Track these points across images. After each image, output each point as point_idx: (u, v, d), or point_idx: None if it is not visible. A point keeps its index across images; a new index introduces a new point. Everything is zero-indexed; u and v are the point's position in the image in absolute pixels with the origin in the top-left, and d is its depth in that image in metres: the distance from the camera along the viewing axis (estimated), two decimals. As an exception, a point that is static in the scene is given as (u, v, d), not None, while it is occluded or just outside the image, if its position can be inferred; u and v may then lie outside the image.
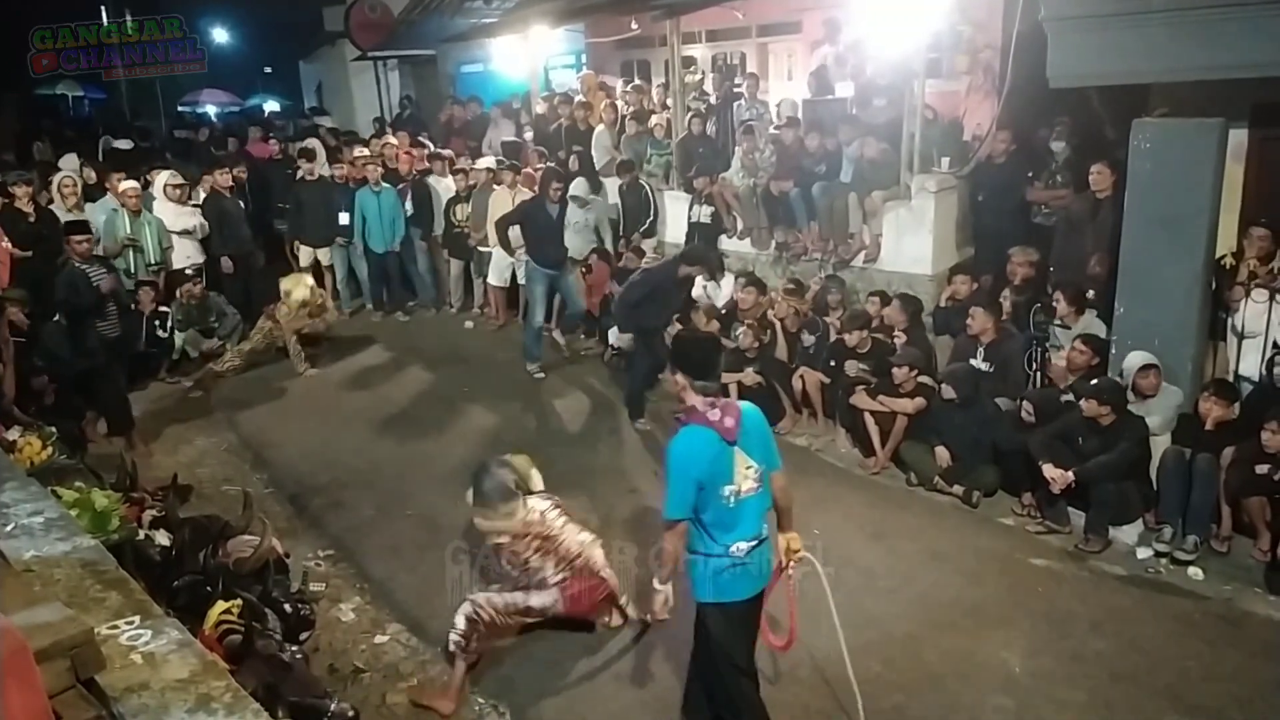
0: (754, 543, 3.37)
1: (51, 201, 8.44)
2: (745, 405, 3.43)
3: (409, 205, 9.66)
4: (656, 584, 3.45)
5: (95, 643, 2.45)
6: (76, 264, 6.56)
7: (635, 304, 6.91)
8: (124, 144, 12.72)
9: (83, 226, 6.95)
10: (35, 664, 2.05)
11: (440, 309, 10.15)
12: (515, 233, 8.13)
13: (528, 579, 4.21)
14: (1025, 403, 5.77)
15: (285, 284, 8.66)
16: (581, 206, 9.00)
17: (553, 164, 9.78)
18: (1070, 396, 5.66)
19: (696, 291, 8.19)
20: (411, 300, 10.20)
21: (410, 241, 9.85)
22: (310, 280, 8.88)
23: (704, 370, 3.39)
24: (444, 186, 9.92)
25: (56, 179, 8.64)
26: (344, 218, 9.50)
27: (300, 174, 9.81)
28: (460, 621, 4.05)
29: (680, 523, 3.31)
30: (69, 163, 10.57)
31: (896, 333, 6.80)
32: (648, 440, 6.87)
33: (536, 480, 4.51)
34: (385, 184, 9.57)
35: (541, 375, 8.10)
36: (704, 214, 8.84)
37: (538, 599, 4.18)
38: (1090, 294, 6.32)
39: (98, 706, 2.38)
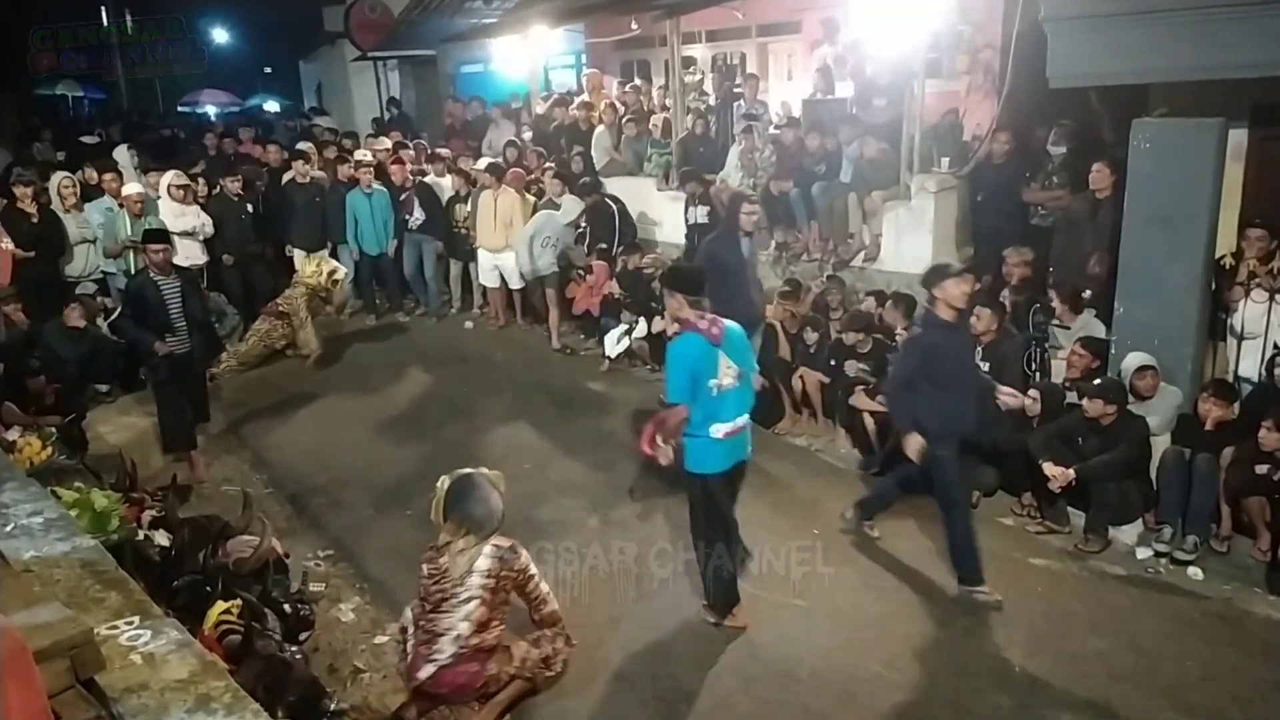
0: (730, 428, 4.28)
1: (51, 202, 8.44)
2: (729, 323, 4.31)
3: (418, 211, 9.48)
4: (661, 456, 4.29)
5: (95, 643, 2.45)
6: (152, 274, 6.15)
7: (907, 382, 4.79)
8: (90, 139, 12.83)
9: (161, 235, 6.45)
10: (35, 664, 2.05)
11: (444, 313, 10.12)
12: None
13: (431, 630, 3.77)
14: (1032, 390, 5.75)
15: (302, 266, 8.86)
16: (560, 222, 8.51)
17: (551, 165, 9.80)
18: (1074, 397, 5.66)
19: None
20: (412, 303, 10.17)
21: (417, 246, 9.70)
22: (328, 266, 8.91)
23: (695, 290, 4.29)
24: (446, 187, 9.93)
25: (56, 179, 8.63)
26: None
27: (292, 176, 9.69)
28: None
29: (680, 406, 4.18)
30: (122, 154, 10.58)
31: (898, 332, 6.80)
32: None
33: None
34: (378, 186, 9.52)
35: None
36: (699, 215, 8.84)
37: (418, 667, 3.78)
38: (1087, 294, 6.32)
39: (97, 707, 2.38)
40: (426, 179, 9.96)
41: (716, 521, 4.43)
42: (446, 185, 9.88)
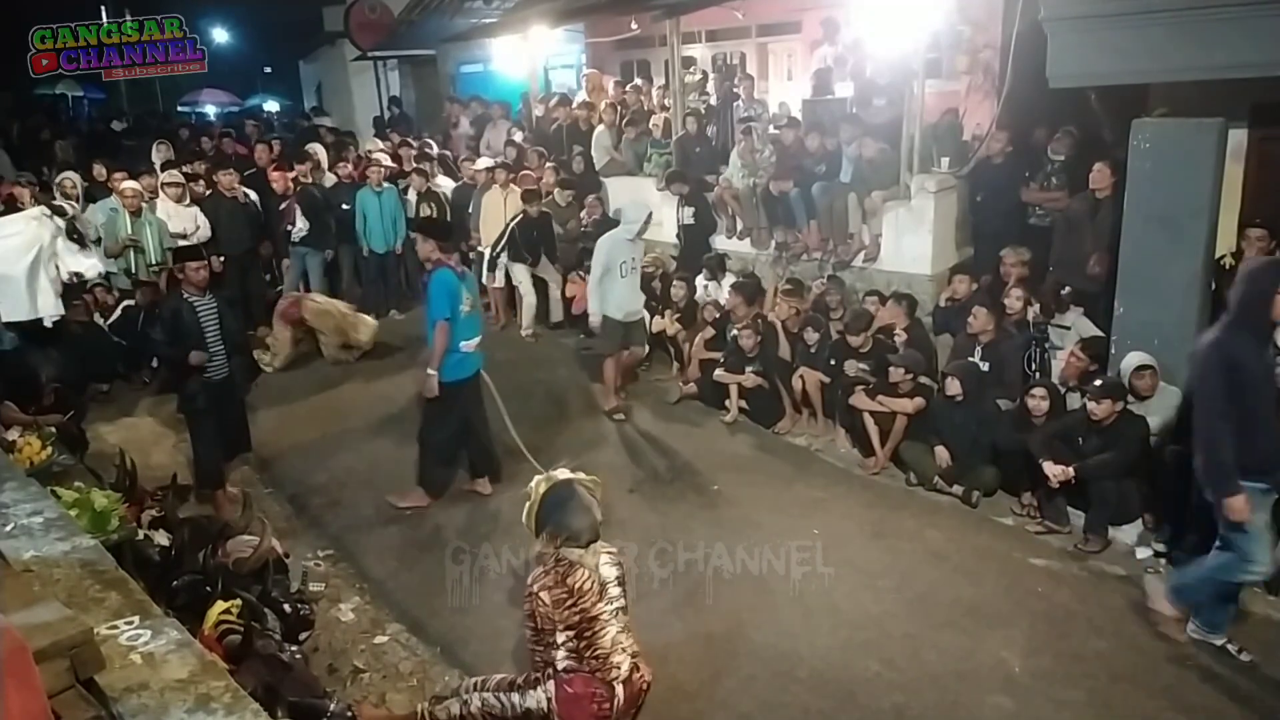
0: (472, 344, 5.70)
1: (53, 200, 8.43)
2: (468, 270, 5.96)
3: (300, 221, 9.12)
4: (430, 370, 5.56)
5: (95, 643, 2.44)
6: (189, 295, 5.70)
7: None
8: (118, 125, 12.81)
9: (196, 252, 5.96)
10: (34, 664, 2.05)
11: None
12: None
13: (536, 658, 3.53)
14: (1038, 389, 5.72)
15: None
16: (631, 238, 7.02)
17: (552, 165, 9.79)
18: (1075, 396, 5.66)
19: (699, 292, 8.20)
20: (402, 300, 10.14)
21: (301, 259, 9.42)
22: (336, 307, 8.74)
23: (446, 237, 5.83)
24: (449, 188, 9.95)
25: (59, 178, 8.63)
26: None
27: (295, 175, 9.59)
28: (443, 712, 3.65)
29: (445, 322, 5.48)
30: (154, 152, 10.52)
31: (897, 331, 6.80)
32: (648, 439, 6.87)
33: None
34: (386, 184, 9.54)
35: (1247, 657, 4.33)
36: (686, 216, 8.85)
37: (532, 699, 3.48)
38: (1065, 291, 6.34)
39: (97, 707, 2.37)
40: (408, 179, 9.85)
41: (450, 419, 5.75)
42: (448, 186, 9.87)
